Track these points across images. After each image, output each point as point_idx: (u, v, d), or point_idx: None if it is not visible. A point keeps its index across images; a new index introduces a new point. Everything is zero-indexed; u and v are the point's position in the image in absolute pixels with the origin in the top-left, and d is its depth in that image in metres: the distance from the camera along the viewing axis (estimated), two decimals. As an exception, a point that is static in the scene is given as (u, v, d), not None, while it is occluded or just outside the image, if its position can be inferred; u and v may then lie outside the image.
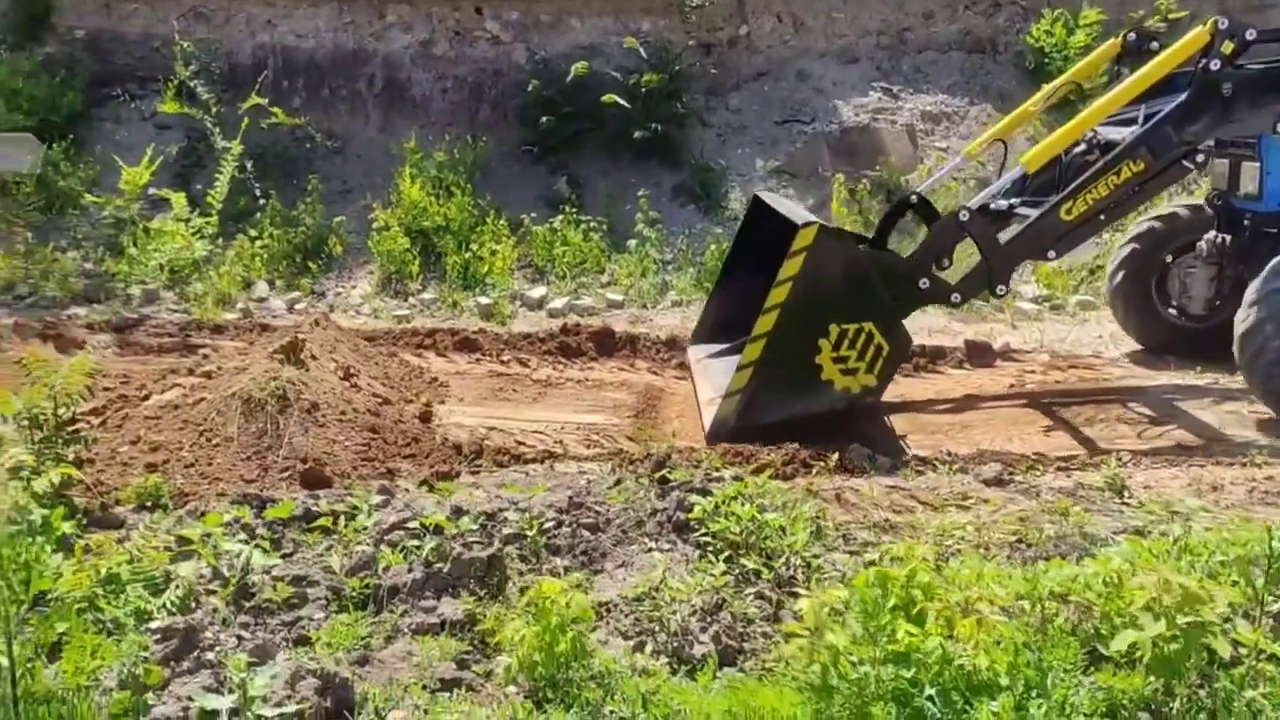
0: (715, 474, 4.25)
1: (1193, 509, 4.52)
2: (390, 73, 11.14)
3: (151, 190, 9.66)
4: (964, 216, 5.69)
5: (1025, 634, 2.96)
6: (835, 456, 5.22)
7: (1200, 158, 5.74)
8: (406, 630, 3.38)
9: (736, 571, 3.65)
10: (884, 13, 11.89)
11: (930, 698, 2.72)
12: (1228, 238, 6.28)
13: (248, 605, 3.37)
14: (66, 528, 3.67)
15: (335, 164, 10.75)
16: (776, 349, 5.34)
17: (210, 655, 2.98)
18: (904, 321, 5.69)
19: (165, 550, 3.61)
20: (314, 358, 6.05)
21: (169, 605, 3.27)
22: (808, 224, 5.31)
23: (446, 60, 11.09)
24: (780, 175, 10.44)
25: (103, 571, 3.29)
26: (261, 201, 9.90)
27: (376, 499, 4.22)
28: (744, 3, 11.45)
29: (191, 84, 10.43)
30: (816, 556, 3.84)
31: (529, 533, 3.87)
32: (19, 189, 9.73)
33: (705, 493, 4.08)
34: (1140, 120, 5.87)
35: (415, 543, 3.80)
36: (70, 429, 4.32)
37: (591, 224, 9.45)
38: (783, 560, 3.66)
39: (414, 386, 6.78)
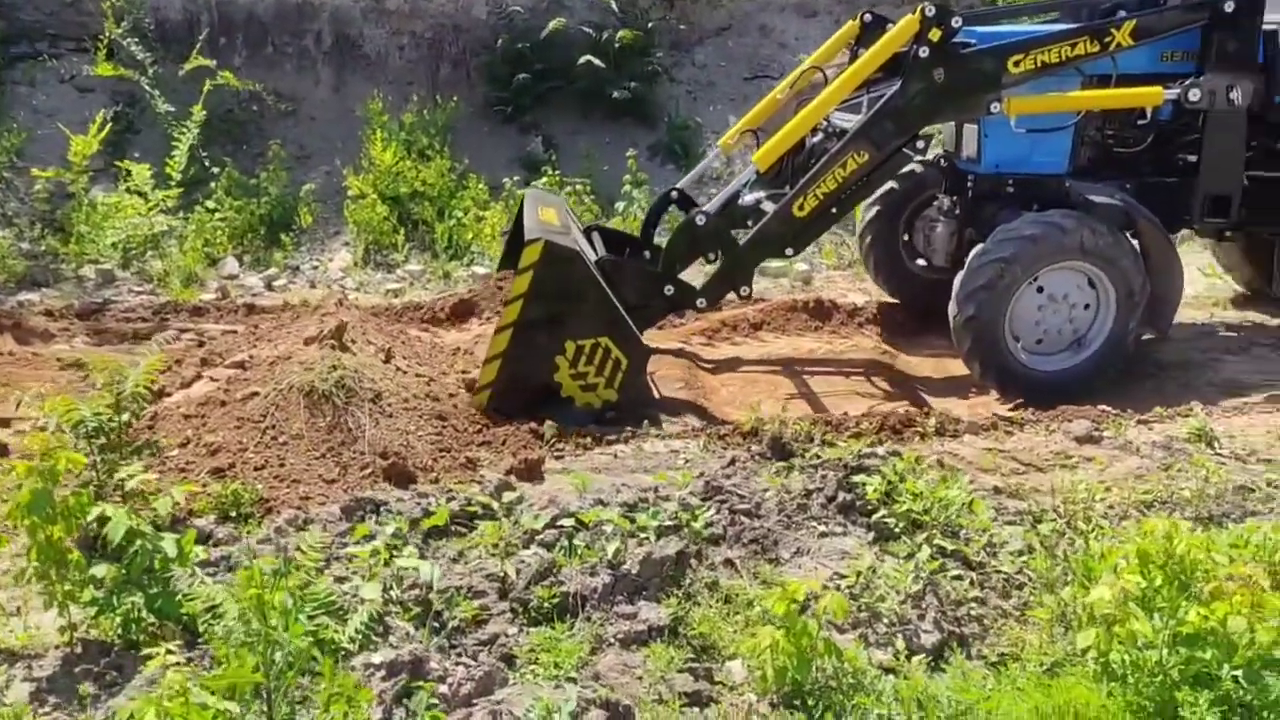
0: (869, 451, 4.07)
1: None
2: (340, 29, 10.44)
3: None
4: (700, 220, 5.72)
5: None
6: (931, 421, 5.12)
7: (921, 144, 5.85)
8: (613, 640, 3.12)
9: (928, 553, 3.50)
10: (841, -35, 11.74)
11: (1234, 678, 2.63)
12: (955, 198, 6.36)
13: (441, 627, 3.06)
14: (200, 553, 3.27)
15: (288, 128, 10.05)
16: (512, 367, 5.18)
17: (444, 688, 2.68)
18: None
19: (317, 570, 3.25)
20: (353, 341, 5.63)
21: (358, 634, 2.92)
22: (533, 240, 5.14)
23: (401, 15, 10.45)
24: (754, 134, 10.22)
25: (269, 601, 2.91)
26: (214, 171, 9.19)
27: (509, 496, 3.90)
28: (705, -46, 11.15)
29: (125, 42, 9.57)
30: (994, 531, 3.72)
31: (692, 524, 3.64)
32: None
33: (864, 470, 3.91)
34: (865, 107, 5.87)
35: (577, 542, 3.54)
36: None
37: (579, 185, 9.09)
38: (980, 540, 3.52)
39: (441, 362, 6.39)
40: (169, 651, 2.49)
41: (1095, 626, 2.71)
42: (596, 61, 9.82)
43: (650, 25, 10.49)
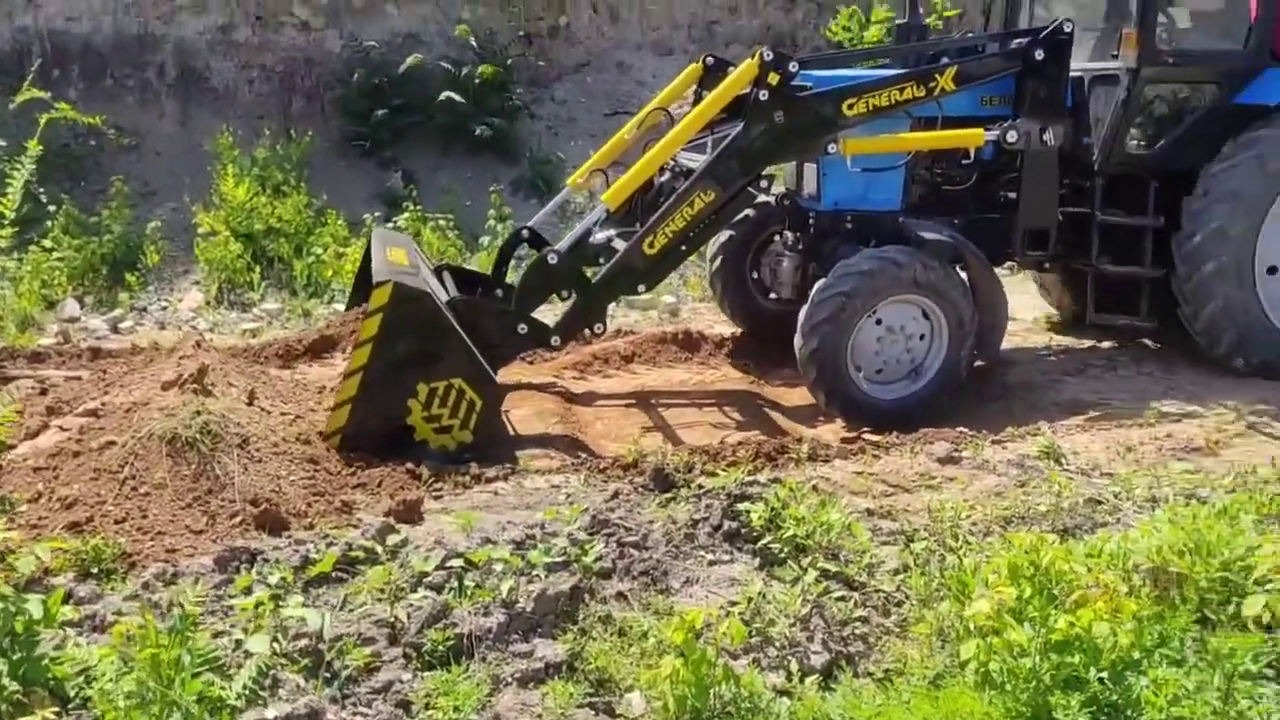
0: (750, 479, 4.17)
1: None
2: (185, 61, 10.12)
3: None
4: (552, 259, 5.80)
5: (1145, 606, 3.12)
6: (804, 447, 5.28)
7: (764, 183, 6.10)
8: (511, 680, 3.09)
9: (814, 576, 3.61)
10: (693, 6, 12.11)
11: (1101, 680, 2.81)
12: (799, 234, 6.65)
13: (333, 677, 2.97)
14: (68, 613, 3.09)
15: (131, 163, 9.65)
16: (362, 411, 5.10)
17: (344, 742, 2.61)
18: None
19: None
20: (213, 384, 5.41)
21: (246, 689, 2.81)
22: (382, 283, 5.13)
23: (250, 48, 10.20)
24: (616, 166, 10.38)
25: (164, 659, 2.78)
26: (51, 209, 8.72)
27: (393, 539, 3.83)
28: (562, -8, 11.30)
29: (-53, 74, 9.04)
30: (872, 552, 3.86)
31: (583, 559, 3.65)
32: None
33: (747, 498, 4.00)
34: (710, 147, 6.12)
35: (468, 583, 3.50)
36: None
37: (442, 220, 9.02)
38: (860, 561, 3.65)
39: (307, 400, 6.21)
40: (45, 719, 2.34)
41: (975, 638, 2.85)
42: (456, 97, 9.81)
43: (510, 62, 10.56)
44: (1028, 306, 8.17)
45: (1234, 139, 6.20)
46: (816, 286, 5.85)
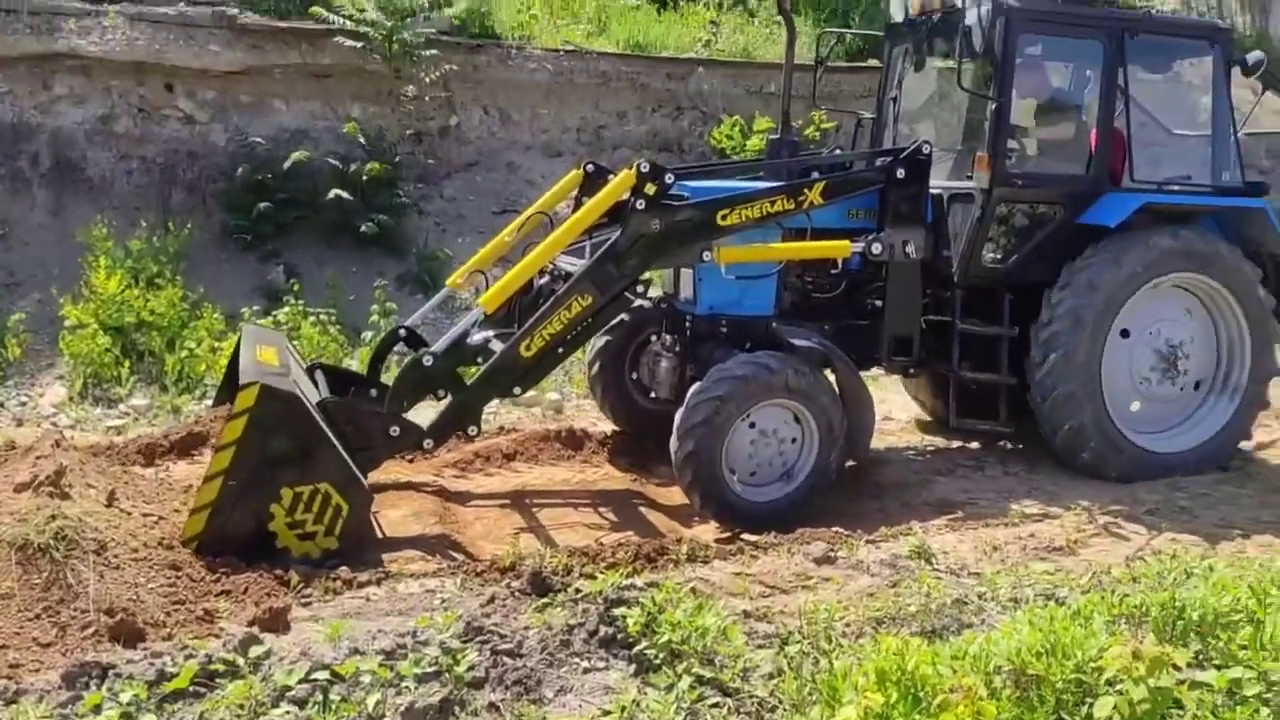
0: (628, 583, 4.16)
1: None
2: (61, 151, 9.85)
3: None
4: (428, 361, 5.82)
5: (1006, 708, 3.20)
6: (683, 548, 5.30)
7: (641, 288, 6.37)
8: (375, 801, 2.99)
9: (689, 683, 3.60)
10: (583, 111, 12.41)
11: (963, 786, 2.86)
12: (676, 336, 6.80)
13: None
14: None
15: (-4, 253, 9.30)
16: (222, 518, 4.99)
17: None
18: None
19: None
20: (71, 486, 5.17)
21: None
22: (249, 385, 5.07)
23: (131, 139, 10.01)
24: (504, 263, 10.47)
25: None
26: (-96, 298, 8.33)
27: (256, 650, 3.68)
28: (453, 94, 11.44)
29: None
30: (747, 656, 3.88)
31: (454, 668, 3.58)
32: None
33: (624, 602, 3.99)
34: (588, 252, 6.24)
35: (333, 697, 3.38)
36: None
37: (323, 315, 8.90)
38: (735, 666, 3.66)
39: (171, 500, 5.98)
40: None
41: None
42: (344, 194, 9.80)
43: (399, 159, 10.61)
44: (902, 406, 8.46)
45: (1070, 264, 6.57)
46: (691, 391, 5.95)
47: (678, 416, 5.93)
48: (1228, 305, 6.86)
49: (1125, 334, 6.76)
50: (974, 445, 7.66)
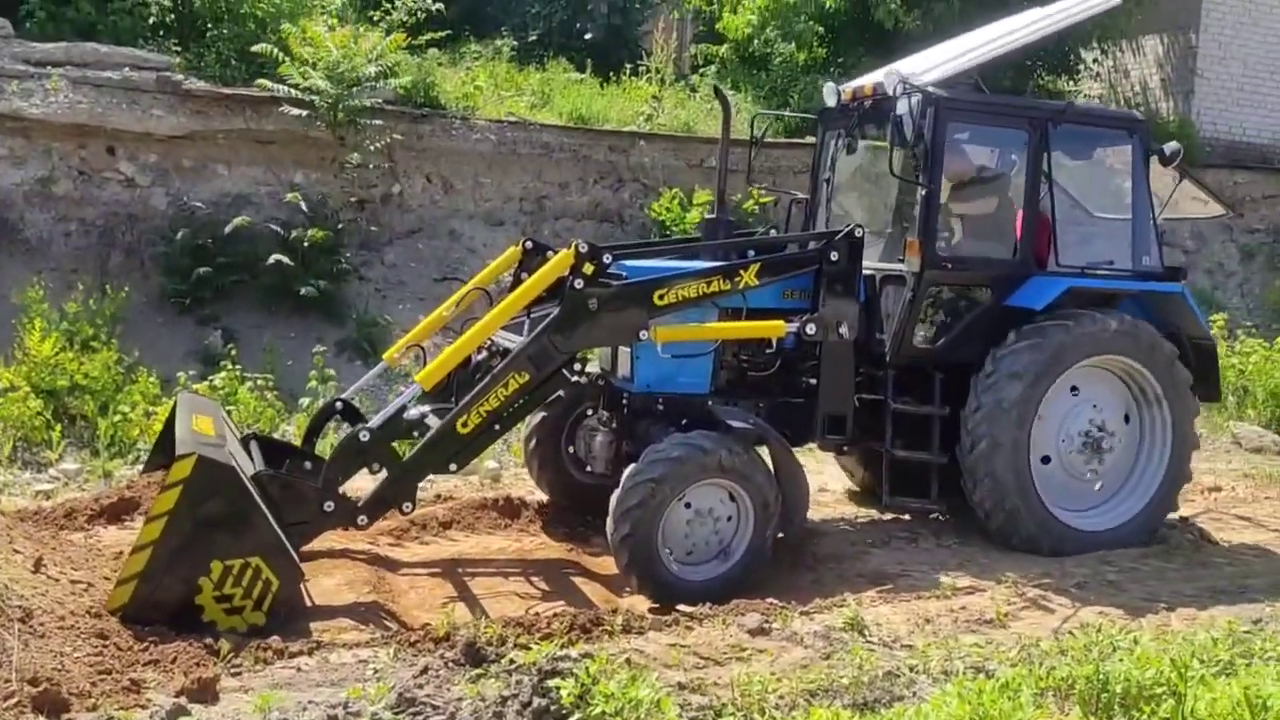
0: (562, 654, 4.17)
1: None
2: (-2, 212, 9.75)
3: None
4: (364, 436, 5.88)
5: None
6: (619, 619, 5.32)
7: (578, 365, 6.48)
8: None
9: (622, 755, 3.62)
10: (525, 180, 12.58)
11: None
12: (612, 412, 6.91)
13: None
14: None
15: (-76, 313, 9.10)
16: (148, 589, 4.93)
17: None
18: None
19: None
20: (-4, 552, 5.07)
21: None
22: (185, 455, 5.06)
23: (70, 201, 9.93)
24: (447, 332, 10.51)
25: None
26: None
27: (184, 722, 3.63)
28: (396, 163, 11.56)
29: None
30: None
31: (388, 741, 3.56)
32: None
33: (558, 674, 4.00)
34: (526, 328, 6.39)
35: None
36: None
37: (260, 380, 8.83)
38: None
39: (100, 567, 5.85)
40: None
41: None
42: (285, 259, 9.79)
43: (341, 226, 10.65)
44: (837, 477, 8.59)
45: (995, 349, 6.75)
46: (626, 473, 6.00)
47: (613, 499, 5.97)
48: (1149, 384, 7.09)
49: (1048, 417, 6.92)
50: (907, 517, 7.80)
